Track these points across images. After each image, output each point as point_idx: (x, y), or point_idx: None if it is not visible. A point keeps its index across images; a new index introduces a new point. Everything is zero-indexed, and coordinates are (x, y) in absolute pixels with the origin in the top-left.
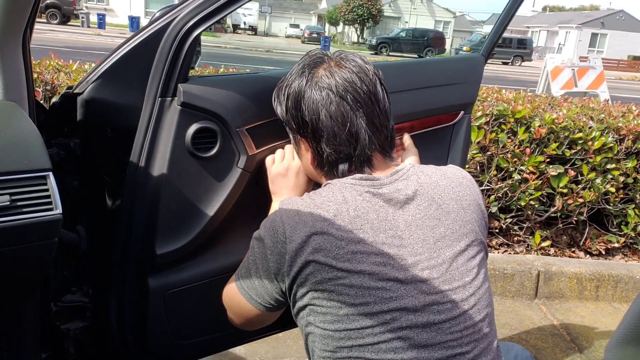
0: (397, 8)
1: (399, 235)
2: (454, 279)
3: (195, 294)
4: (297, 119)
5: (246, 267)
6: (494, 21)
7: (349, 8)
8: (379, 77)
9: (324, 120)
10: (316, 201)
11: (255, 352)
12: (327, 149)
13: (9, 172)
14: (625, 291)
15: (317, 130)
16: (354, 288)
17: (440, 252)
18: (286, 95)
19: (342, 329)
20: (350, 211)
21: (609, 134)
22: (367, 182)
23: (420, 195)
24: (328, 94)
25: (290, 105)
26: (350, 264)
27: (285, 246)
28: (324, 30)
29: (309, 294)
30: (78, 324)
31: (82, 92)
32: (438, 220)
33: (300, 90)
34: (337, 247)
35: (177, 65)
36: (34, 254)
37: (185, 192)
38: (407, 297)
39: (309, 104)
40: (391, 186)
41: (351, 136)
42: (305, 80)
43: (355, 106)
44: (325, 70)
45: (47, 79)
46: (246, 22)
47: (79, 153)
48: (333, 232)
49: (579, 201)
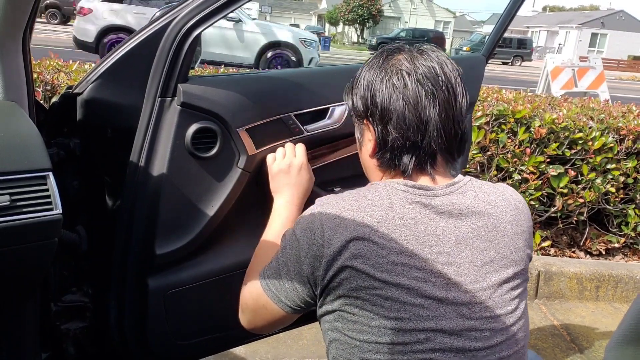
0: (397, 8)
1: (446, 252)
2: (496, 307)
3: (195, 294)
4: (366, 100)
5: (275, 268)
6: (494, 21)
7: (349, 8)
8: (459, 72)
9: (396, 102)
10: (360, 204)
11: (255, 352)
12: (394, 132)
13: (9, 172)
14: (626, 291)
15: (386, 111)
16: (389, 301)
17: (486, 276)
18: (359, 77)
19: (371, 341)
20: (396, 219)
21: (609, 134)
22: (419, 190)
23: (475, 213)
24: (404, 76)
25: (362, 85)
26: (389, 275)
27: (322, 250)
28: (324, 30)
29: (341, 299)
30: (78, 324)
31: (82, 92)
32: (490, 243)
33: (375, 70)
34: (378, 256)
35: (177, 65)
36: (34, 254)
37: (185, 192)
38: (445, 318)
39: (382, 84)
40: (445, 198)
41: (421, 123)
42: (382, 61)
43: (432, 94)
44: (405, 55)
45: (47, 79)
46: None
47: (79, 153)
48: (375, 239)
49: (579, 201)
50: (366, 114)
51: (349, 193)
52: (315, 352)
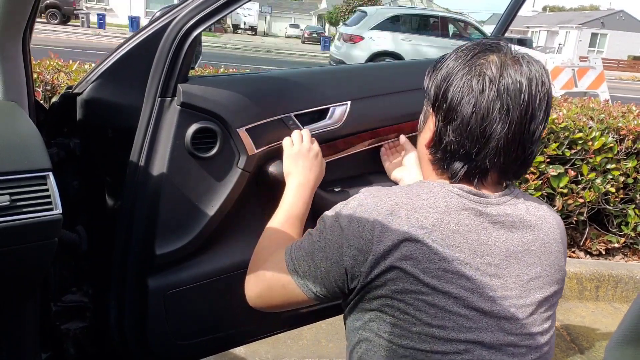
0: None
1: (495, 264)
2: (535, 324)
3: (195, 294)
4: (439, 90)
5: (308, 251)
6: (494, 21)
7: (349, 8)
8: (548, 96)
9: (466, 105)
10: (415, 204)
11: (255, 352)
12: (452, 135)
13: (9, 172)
14: (626, 291)
15: (452, 111)
16: (435, 308)
17: (530, 292)
18: (443, 63)
19: (409, 346)
20: (451, 225)
21: (609, 134)
22: (474, 197)
23: (527, 227)
24: (485, 82)
25: (441, 73)
26: (437, 282)
27: (370, 245)
28: (324, 30)
29: (382, 299)
30: (78, 324)
31: (82, 92)
32: (538, 259)
33: (460, 62)
34: (429, 260)
35: (177, 65)
36: (34, 254)
37: (185, 192)
38: (487, 331)
39: (461, 82)
40: (499, 208)
41: (482, 136)
42: (471, 55)
43: (506, 110)
44: (497, 58)
45: (47, 79)
46: (246, 22)
47: (79, 153)
48: (429, 242)
49: (579, 201)
50: (434, 104)
51: (400, 189)
52: (315, 352)
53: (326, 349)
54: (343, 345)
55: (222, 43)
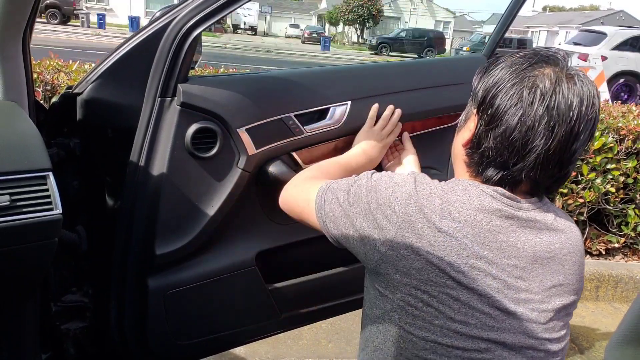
0: (397, 8)
1: (522, 267)
2: (554, 330)
3: (195, 294)
4: (487, 94)
5: (344, 189)
6: (494, 21)
7: (349, 8)
8: (596, 118)
9: (512, 114)
10: (450, 198)
11: (255, 352)
12: (492, 141)
13: (9, 172)
14: (626, 291)
15: (497, 118)
16: (458, 303)
17: (552, 299)
18: (496, 66)
19: (430, 339)
20: (482, 223)
21: (609, 134)
22: (507, 200)
23: (554, 234)
24: (536, 94)
25: (493, 76)
26: (464, 277)
27: (397, 220)
28: (324, 30)
29: (406, 288)
30: (78, 324)
31: (82, 92)
32: (562, 267)
33: (514, 70)
34: (457, 255)
35: (177, 65)
36: (34, 254)
37: (185, 193)
38: (509, 332)
39: (511, 90)
40: (529, 213)
41: (523, 148)
42: (527, 64)
43: (552, 126)
44: (553, 71)
45: (47, 79)
46: (246, 22)
47: (79, 153)
48: (459, 237)
49: (579, 201)
50: (480, 106)
51: (438, 184)
52: (315, 352)
53: (326, 349)
54: (343, 345)
55: (222, 43)
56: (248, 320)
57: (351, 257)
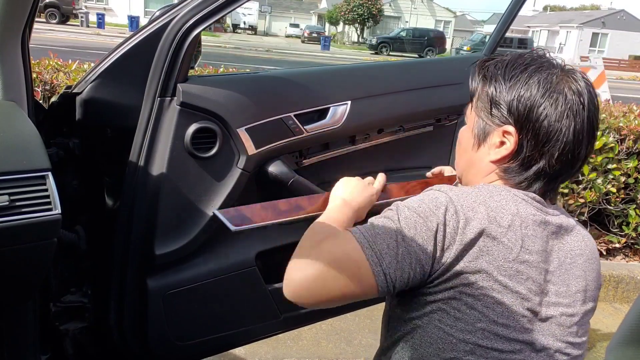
0: (397, 7)
1: (551, 271)
2: (577, 335)
3: (194, 294)
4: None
5: (386, 230)
6: (495, 21)
7: (349, 7)
8: None
9: (566, 129)
10: (490, 204)
11: (255, 352)
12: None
13: (8, 172)
14: (626, 292)
15: (550, 134)
16: (502, 306)
17: (576, 304)
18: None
19: (471, 342)
20: (522, 228)
21: (610, 134)
22: (538, 204)
23: (575, 240)
24: (576, 105)
25: (519, 86)
26: (510, 281)
27: (455, 235)
28: (324, 29)
29: (451, 291)
30: (77, 325)
31: (81, 92)
32: (583, 273)
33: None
34: (504, 259)
35: (177, 65)
36: (33, 254)
37: (184, 193)
38: (539, 334)
39: (552, 101)
40: (556, 218)
41: (574, 160)
42: (554, 77)
43: (591, 134)
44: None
45: (46, 79)
46: (246, 22)
47: (78, 153)
48: (505, 241)
49: (579, 201)
50: (509, 119)
51: (470, 190)
52: (315, 352)
53: (326, 349)
54: (343, 346)
55: (222, 43)
56: (248, 321)
57: None
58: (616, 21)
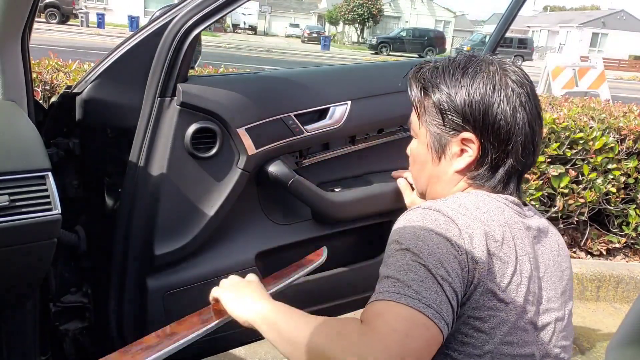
0: (397, 7)
1: (540, 277)
2: (567, 338)
3: (194, 295)
4: (479, 116)
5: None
6: (495, 21)
7: (349, 7)
8: None
9: (522, 124)
10: (481, 217)
11: (255, 352)
12: (514, 158)
13: (8, 172)
14: (627, 292)
15: (508, 133)
16: (506, 324)
17: (563, 305)
18: (451, 76)
19: None
20: (512, 238)
21: (610, 134)
22: (517, 208)
23: (551, 241)
24: (522, 97)
25: (465, 91)
26: (510, 296)
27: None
28: (324, 29)
29: (460, 318)
30: (77, 325)
31: (81, 92)
32: (562, 273)
33: (488, 85)
34: (503, 275)
35: (177, 65)
36: (33, 254)
37: (184, 193)
38: (536, 344)
39: (501, 98)
40: (533, 221)
41: (534, 149)
42: (497, 74)
43: (539, 117)
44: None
45: (46, 79)
46: (246, 22)
47: (78, 153)
48: (502, 256)
49: (579, 201)
50: (464, 126)
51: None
52: None
53: None
54: None
55: (222, 43)
56: None
57: (351, 258)
58: (616, 21)
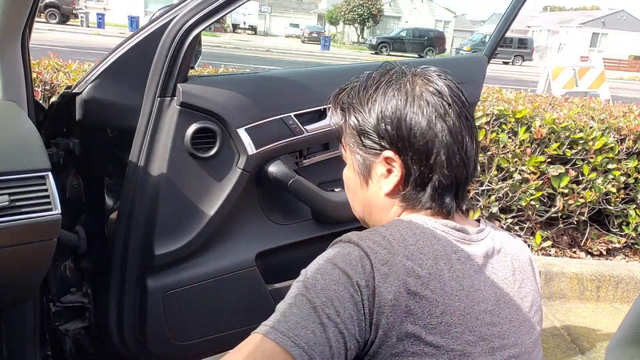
0: (397, 7)
1: (489, 311)
2: None
3: (194, 294)
4: (386, 126)
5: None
6: (495, 21)
7: (349, 7)
8: None
9: (442, 136)
10: (405, 251)
11: None
12: (440, 173)
13: (8, 172)
14: (626, 292)
15: (430, 149)
16: None
17: (523, 338)
18: (375, 103)
19: None
20: (445, 271)
21: (610, 134)
22: (459, 233)
23: (504, 261)
24: (442, 102)
25: (377, 107)
26: (442, 339)
27: (372, 299)
28: (324, 29)
29: None
30: (77, 324)
31: (81, 92)
32: (521, 300)
33: (401, 97)
34: (430, 315)
35: (177, 65)
36: (33, 254)
37: (184, 193)
38: None
39: (416, 110)
40: (480, 246)
41: (468, 159)
42: (410, 85)
43: (471, 127)
44: (422, 78)
45: (46, 79)
46: (246, 22)
47: (78, 153)
48: (427, 294)
49: (579, 201)
50: (383, 145)
51: (383, 233)
52: None
53: None
54: None
55: (222, 43)
56: (247, 321)
57: None
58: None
